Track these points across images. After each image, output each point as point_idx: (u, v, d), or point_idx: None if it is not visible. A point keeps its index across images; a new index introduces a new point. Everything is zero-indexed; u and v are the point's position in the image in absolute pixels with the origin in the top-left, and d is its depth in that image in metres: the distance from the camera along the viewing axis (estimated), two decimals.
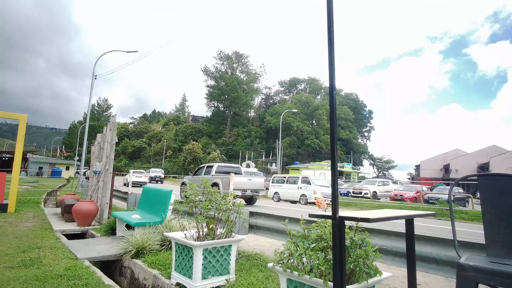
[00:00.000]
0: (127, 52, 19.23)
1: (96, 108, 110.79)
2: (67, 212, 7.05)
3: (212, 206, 3.37)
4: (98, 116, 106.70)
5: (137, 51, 19.28)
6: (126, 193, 11.21)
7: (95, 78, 18.26)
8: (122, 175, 57.63)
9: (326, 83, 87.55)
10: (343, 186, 28.30)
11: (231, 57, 77.08)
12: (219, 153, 62.49)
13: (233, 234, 3.44)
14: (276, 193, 20.24)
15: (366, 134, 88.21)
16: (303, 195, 18.59)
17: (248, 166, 41.88)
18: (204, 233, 3.31)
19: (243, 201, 5.31)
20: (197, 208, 3.38)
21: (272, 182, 20.76)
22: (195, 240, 3.19)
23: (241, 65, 78.61)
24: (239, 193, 14.06)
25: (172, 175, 58.60)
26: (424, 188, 25.68)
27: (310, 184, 18.53)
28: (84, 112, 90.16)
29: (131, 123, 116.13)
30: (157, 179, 34.81)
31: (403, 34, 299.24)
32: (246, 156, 56.36)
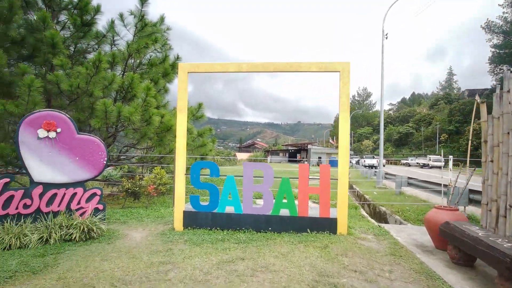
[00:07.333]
0: None
1: (356, 98, 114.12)
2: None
3: None
4: (359, 106, 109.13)
5: None
6: None
7: (386, 38, 15.55)
8: (395, 163, 53.88)
9: None
10: None
11: None
12: None
13: None
14: None
15: None
16: None
17: None
18: None
19: None
20: None
21: None
22: None
23: None
24: None
25: (453, 163, 48.48)
26: None
27: None
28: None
29: (390, 109, 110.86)
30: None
31: None
32: None
